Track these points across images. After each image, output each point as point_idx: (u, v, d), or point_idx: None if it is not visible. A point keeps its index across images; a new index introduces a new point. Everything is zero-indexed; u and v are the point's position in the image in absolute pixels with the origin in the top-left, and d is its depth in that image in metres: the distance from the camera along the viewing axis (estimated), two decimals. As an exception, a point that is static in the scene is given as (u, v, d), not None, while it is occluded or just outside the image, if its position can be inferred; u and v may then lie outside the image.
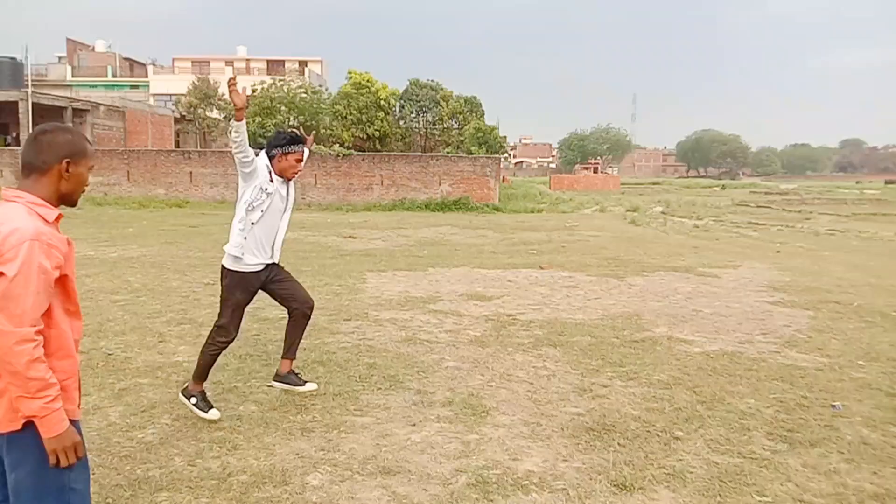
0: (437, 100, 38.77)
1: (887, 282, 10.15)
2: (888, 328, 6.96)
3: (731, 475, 3.55)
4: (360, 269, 10.53)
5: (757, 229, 21.05)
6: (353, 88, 35.99)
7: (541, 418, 4.38)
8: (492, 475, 3.54)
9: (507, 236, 16.66)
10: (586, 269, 10.94)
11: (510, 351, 5.98)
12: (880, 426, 4.28)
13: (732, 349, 6.11)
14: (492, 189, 27.66)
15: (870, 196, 42.48)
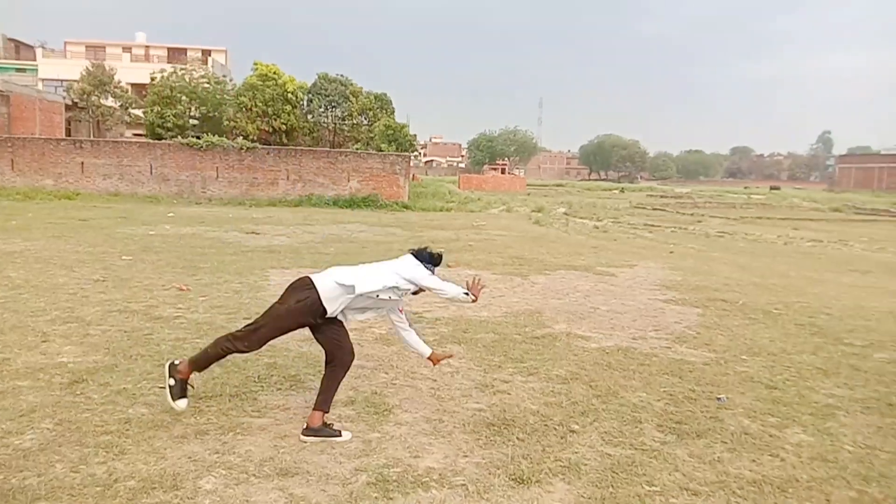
0: (347, 95, 38.39)
1: (769, 281, 10.85)
2: (769, 325, 7.44)
3: (623, 466, 3.69)
4: (262, 267, 10.27)
5: (652, 231, 22.02)
6: (258, 80, 35.09)
7: (443, 415, 4.41)
8: (392, 473, 3.53)
9: (416, 234, 16.68)
10: (492, 268, 11.11)
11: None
12: (760, 417, 4.56)
13: (627, 345, 6.37)
14: (401, 187, 27.62)
15: (756, 201, 45.32)
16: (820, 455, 3.95)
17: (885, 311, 8.42)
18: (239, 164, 26.67)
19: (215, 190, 26.41)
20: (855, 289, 10.58)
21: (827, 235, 22.65)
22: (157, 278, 8.84)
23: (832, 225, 29.17)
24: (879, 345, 6.63)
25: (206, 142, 26.54)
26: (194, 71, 35.59)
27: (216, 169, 26.46)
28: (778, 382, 5.32)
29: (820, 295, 9.56)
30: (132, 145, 27.58)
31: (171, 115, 32.38)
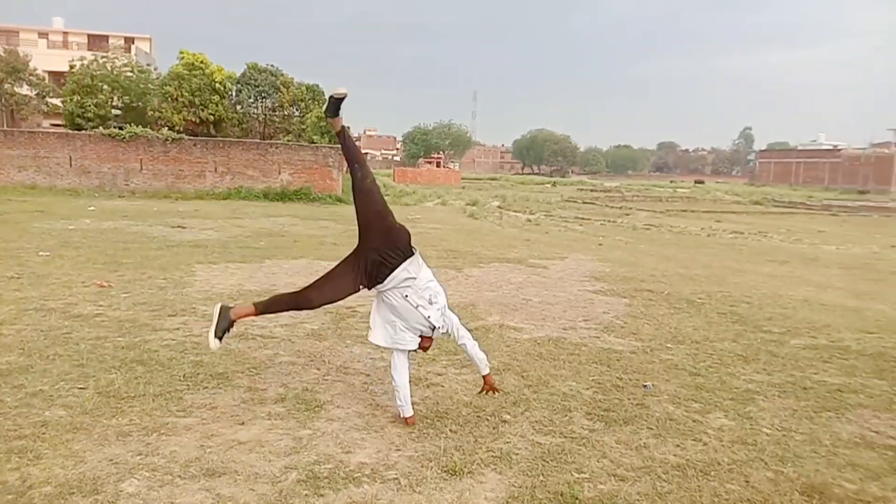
0: (278, 86, 37.57)
1: (693, 272, 11.23)
2: (693, 314, 7.70)
3: (553, 454, 3.75)
4: (188, 262, 9.96)
5: (583, 224, 22.48)
6: (185, 69, 33.91)
7: (376, 409, 4.38)
8: (323, 470, 3.48)
9: (350, 228, 16.44)
10: (427, 261, 11.03)
11: (348, 343, 5.93)
12: (684, 403, 4.72)
13: (557, 335, 6.48)
14: (335, 180, 27.29)
15: (681, 194, 46.86)
16: (740, 438, 4.11)
17: (801, 300, 8.84)
18: (164, 156, 25.77)
19: (139, 182, 25.46)
20: (773, 278, 11.07)
21: (747, 227, 23.62)
22: (76, 275, 8.45)
23: (752, 217, 30.45)
24: (795, 331, 6.96)
25: (129, 132, 25.52)
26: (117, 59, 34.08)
27: (140, 161, 25.51)
28: (701, 369, 5.51)
29: (740, 284, 9.96)
30: (50, 136, 26.24)
31: (91, 104, 30.94)
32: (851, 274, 12.32)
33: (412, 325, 4.09)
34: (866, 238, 21.69)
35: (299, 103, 37.85)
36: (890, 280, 11.68)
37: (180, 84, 33.31)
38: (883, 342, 6.61)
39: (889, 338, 6.79)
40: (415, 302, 4.05)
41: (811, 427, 4.34)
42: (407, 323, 4.08)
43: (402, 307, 4.06)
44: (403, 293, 4.05)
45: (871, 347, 6.39)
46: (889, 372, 5.61)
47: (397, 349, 4.15)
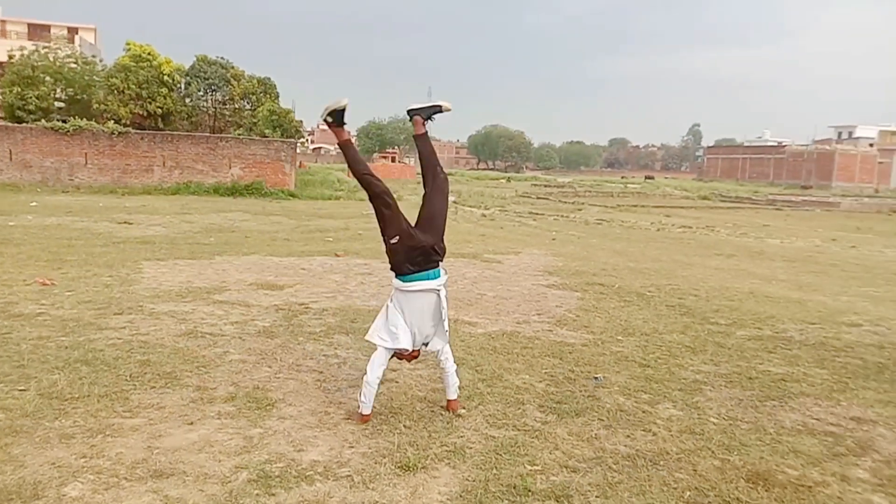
0: (228, 78, 36.87)
1: (643, 265, 11.44)
2: (643, 306, 7.84)
3: (506, 447, 3.78)
4: (135, 259, 9.71)
5: (536, 219, 22.68)
6: (131, 61, 32.99)
7: (329, 407, 4.34)
8: (275, 469, 3.43)
9: (303, 223, 16.33)
10: (381, 256, 10.95)
11: (301, 341, 5.86)
12: (633, 394, 4.80)
13: (511, 329, 6.52)
14: (287, 174, 26.93)
15: (632, 190, 47.66)
16: (688, 428, 4.20)
17: (747, 292, 9.09)
18: (110, 150, 25.05)
19: (84, 177, 24.69)
20: (720, 271, 11.36)
21: (696, 222, 24.17)
22: (17, 273, 8.16)
23: (700, 212, 31.17)
24: (741, 323, 7.15)
25: (73, 126, 24.72)
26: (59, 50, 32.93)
27: (85, 155, 24.74)
28: (650, 361, 5.62)
29: (689, 278, 10.18)
30: (-13, 128, 25.26)
31: (33, 96, 29.81)
32: (794, 266, 12.72)
33: (417, 330, 4.11)
34: (809, 232, 22.44)
35: (250, 96, 37.23)
36: (831, 272, 12.10)
37: (127, 76, 32.40)
38: (824, 332, 6.84)
39: (829, 328, 7.03)
40: (444, 304, 4.15)
41: (756, 416, 4.47)
42: (414, 327, 4.10)
43: (422, 308, 4.12)
44: (439, 292, 4.15)
45: (813, 338, 6.61)
46: (829, 361, 5.81)
47: (385, 347, 4.10)
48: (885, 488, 3.48)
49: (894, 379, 5.35)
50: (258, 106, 36.00)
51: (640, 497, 3.28)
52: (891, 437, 4.17)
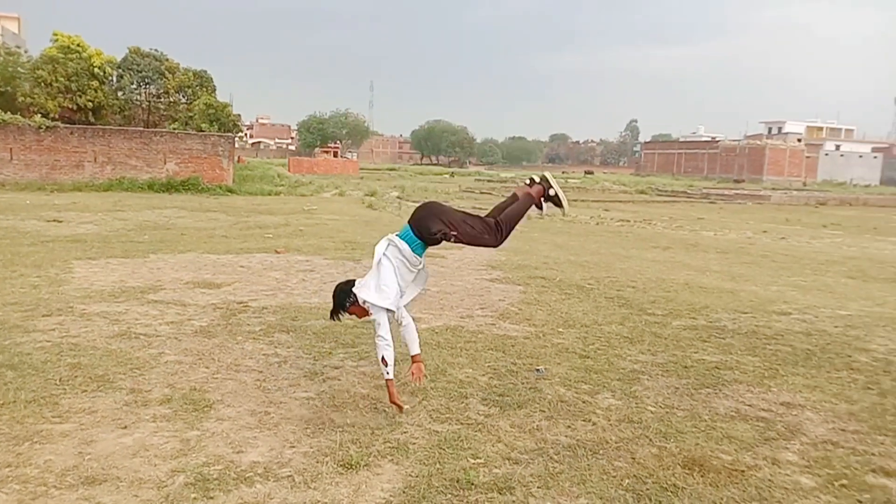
0: (162, 71, 35.80)
1: (583, 258, 11.63)
2: (583, 299, 7.97)
3: (449, 441, 3.78)
4: (65, 258, 9.33)
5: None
6: (59, 52, 31.68)
7: (269, 406, 4.26)
8: (213, 471, 3.35)
9: (242, 220, 15.99)
10: (324, 253, 10.93)
11: (240, 340, 5.74)
12: (574, 385, 4.88)
13: (455, 324, 6.54)
14: (225, 170, 26.33)
15: (572, 184, 48.40)
16: (627, 417, 4.29)
17: (682, 283, 9.35)
18: (37, 145, 23.99)
19: (9, 174, 23.58)
20: (656, 263, 11.64)
21: (633, 215, 24.73)
22: (-67, 274, 7.73)
23: (638, 206, 31.91)
24: (677, 313, 7.35)
25: (-5, 119, 23.58)
26: (-21, 39, 31.42)
27: (10, 150, 23.62)
28: (590, 352, 5.72)
29: (627, 270, 10.41)
30: None
31: (-49, 88, 28.41)
32: (727, 258, 13.14)
33: (402, 290, 4.24)
34: (741, 224, 23.24)
35: (186, 90, 36.25)
36: (761, 263, 12.55)
37: (54, 68, 31.11)
38: (755, 321, 7.09)
39: (761, 317, 7.30)
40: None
41: (691, 403, 4.60)
42: (402, 289, 4.23)
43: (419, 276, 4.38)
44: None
45: (745, 326, 6.84)
46: (761, 349, 6.03)
47: (386, 307, 4.10)
48: (812, 469, 3.63)
49: (821, 365, 5.58)
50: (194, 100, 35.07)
51: (580, 486, 3.34)
52: (817, 421, 4.35)
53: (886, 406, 4.63)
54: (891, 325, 7.06)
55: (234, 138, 30.03)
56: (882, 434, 4.14)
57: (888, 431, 4.18)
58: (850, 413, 4.49)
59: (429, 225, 4.21)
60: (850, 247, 16.91)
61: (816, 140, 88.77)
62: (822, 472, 3.59)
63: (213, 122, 32.11)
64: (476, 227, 4.32)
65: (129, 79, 35.46)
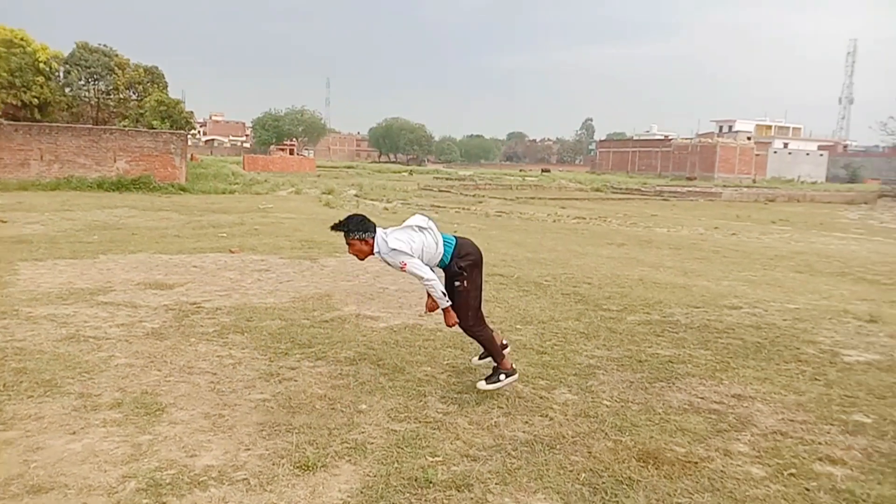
0: (112, 67, 34.90)
1: (540, 256, 11.73)
2: (540, 295, 8.04)
3: (408, 440, 3.77)
4: (10, 259, 9.02)
5: (438, 211, 22.81)
6: (2, 47, 30.59)
7: (223, 409, 4.19)
8: (166, 476, 3.28)
9: (195, 219, 15.68)
10: (279, 252, 10.79)
11: (193, 342, 5.62)
12: (531, 381, 4.91)
13: (414, 322, 6.52)
14: (177, 168, 25.79)
15: (530, 182, 48.77)
16: (583, 411, 4.34)
17: (636, 279, 9.50)
18: (-21, 143, 23.13)
19: (-52, 172, 22.70)
20: (611, 260, 11.81)
21: (589, 213, 25.05)
22: None
23: (593, 203, 32.34)
24: (631, 309, 7.46)
25: (-67, 116, 22.66)
26: (-86, 32, 30.14)
27: (-51, 148, 22.73)
28: (547, 348, 5.77)
29: (583, 266, 10.54)
30: None
31: None
32: (680, 254, 13.41)
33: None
34: (693, 220, 23.74)
35: (137, 86, 35.44)
36: (713, 258, 12.84)
37: (-4, 63, 30.05)
38: (707, 315, 7.25)
39: (712, 311, 7.46)
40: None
41: (646, 397, 4.68)
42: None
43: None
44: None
45: (698, 321, 6.99)
46: (713, 343, 6.16)
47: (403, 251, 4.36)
48: (762, 460, 3.73)
49: (770, 357, 5.74)
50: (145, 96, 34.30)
51: (537, 481, 3.36)
52: (767, 412, 4.46)
53: (832, 396, 4.78)
54: (836, 318, 7.29)
55: (186, 136, 29.43)
56: (828, 423, 4.28)
57: (834, 421, 4.32)
58: (799, 404, 4.62)
59: (464, 262, 4.62)
60: (798, 242, 17.44)
61: (765, 138, 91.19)
62: (772, 462, 3.68)
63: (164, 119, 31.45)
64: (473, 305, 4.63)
65: (76, 74, 34.48)
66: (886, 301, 8.70)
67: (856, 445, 3.94)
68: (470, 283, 4.54)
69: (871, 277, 11.06)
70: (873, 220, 30.00)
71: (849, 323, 7.07)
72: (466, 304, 4.53)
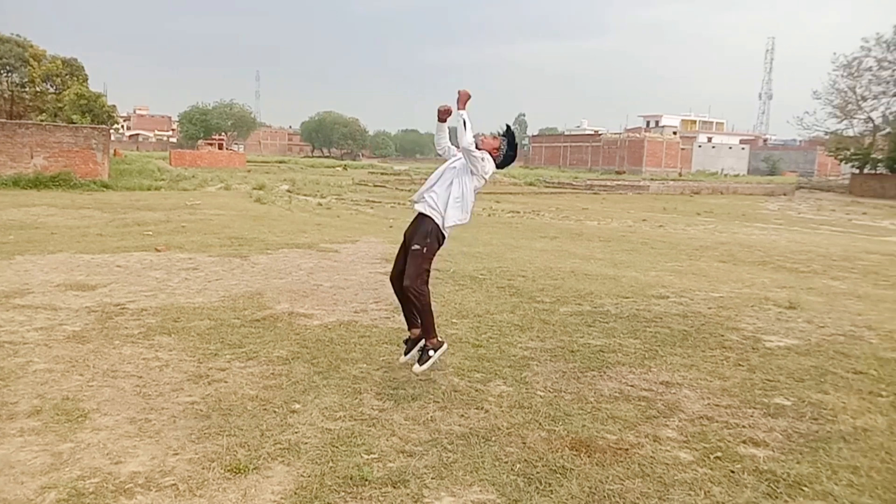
0: (26, 59, 33.21)
1: (475, 249, 11.81)
2: (475, 289, 8.09)
3: (342, 439, 3.73)
4: (-86, 261, 8.47)
5: (374, 207, 22.68)
6: None
7: (150, 413, 4.04)
8: (89, 485, 3.14)
9: (119, 216, 15.10)
10: (208, 250, 10.50)
11: (117, 344, 5.41)
12: (467, 374, 4.94)
13: (349, 319, 6.46)
14: (99, 164, 24.77)
15: (464, 176, 48.96)
16: (518, 403, 4.39)
17: (568, 271, 9.67)
18: None
19: None
20: (545, 253, 12.00)
21: (523, 206, 25.38)
22: None
23: (527, 197, 32.79)
24: (564, 300, 7.59)
25: None
26: None
27: None
28: (483, 341, 5.81)
29: (517, 260, 10.66)
30: None
31: None
32: (610, 246, 13.74)
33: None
34: (622, 213, 24.37)
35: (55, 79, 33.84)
36: (641, 250, 13.20)
37: None
38: (636, 305, 7.45)
39: (641, 301, 7.67)
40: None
41: (578, 386, 4.77)
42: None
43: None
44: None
45: (627, 311, 7.17)
46: (641, 331, 6.33)
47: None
48: (689, 444, 3.85)
49: (696, 344, 5.94)
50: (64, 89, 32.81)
51: (473, 474, 3.38)
52: (694, 398, 4.62)
53: (755, 381, 4.99)
54: (758, 305, 7.61)
55: (109, 130, 28.31)
56: (751, 407, 4.46)
57: (757, 405, 4.51)
58: (723, 389, 4.80)
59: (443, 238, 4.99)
60: (722, 233, 18.13)
61: (690, 133, 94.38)
62: (699, 446, 3.81)
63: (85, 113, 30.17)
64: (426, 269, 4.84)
65: (-14, 66, 32.65)
66: (804, 288, 9.14)
67: (777, 427, 4.12)
68: (429, 252, 4.75)
69: (790, 266, 11.60)
70: (791, 210, 31.51)
71: (769, 310, 7.39)
72: (421, 266, 4.69)
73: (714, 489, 3.31)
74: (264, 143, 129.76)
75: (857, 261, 12.56)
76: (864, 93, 49.19)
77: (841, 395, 4.69)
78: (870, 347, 5.93)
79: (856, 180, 49.93)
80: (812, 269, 11.27)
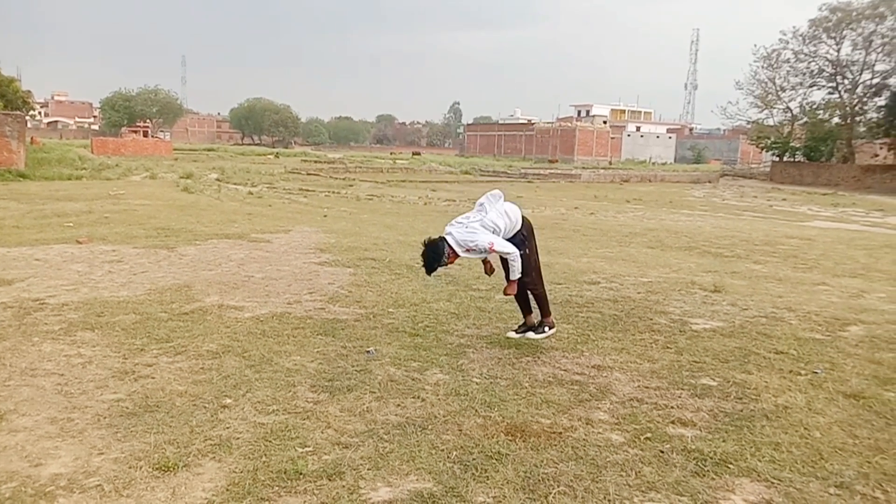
0: (-71, 40, 31.11)
1: (411, 238, 11.76)
2: (412, 278, 8.07)
3: (276, 433, 3.66)
4: None
5: (307, 195, 22.32)
6: None
7: (72, 412, 3.87)
8: (6, 490, 2.99)
9: (37, 207, 14.38)
10: (133, 241, 10.12)
11: (36, 341, 5.16)
12: (404, 363, 4.92)
13: (282, 310, 6.34)
14: (14, 152, 23.50)
15: (400, 165, 48.85)
16: (454, 391, 4.41)
17: (503, 259, 9.77)
18: None
19: None
20: (480, 241, 12.07)
21: (459, 195, 25.45)
22: None
23: (463, 186, 32.90)
24: (499, 288, 7.63)
25: None
26: None
27: None
28: (419, 330, 5.81)
29: (453, 248, 10.69)
30: None
31: None
32: (543, 233, 13.89)
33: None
34: (555, 201, 24.77)
35: (-38, 61, 31.81)
36: (573, 237, 13.46)
37: None
38: (569, 291, 7.58)
39: (573, 287, 7.81)
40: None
41: (513, 372, 4.82)
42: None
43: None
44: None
45: (560, 296, 7.28)
46: (574, 317, 6.46)
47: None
48: (620, 426, 3.95)
49: (627, 328, 6.09)
50: (-28, 73, 30.90)
51: (409, 463, 3.38)
52: (625, 380, 4.74)
53: (682, 363, 5.16)
54: (685, 289, 7.87)
55: (24, 117, 26.88)
56: (679, 388, 4.60)
57: (684, 386, 4.66)
58: (653, 371, 4.95)
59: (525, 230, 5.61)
60: (650, 219, 18.67)
61: (620, 122, 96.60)
62: (630, 428, 3.92)
63: (-4, 98, 28.52)
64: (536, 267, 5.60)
65: None
66: (728, 272, 9.50)
67: (703, 407, 4.27)
68: (531, 249, 5.41)
69: (715, 251, 12.04)
70: (716, 197, 32.71)
71: (696, 293, 7.65)
72: (531, 267, 5.34)
73: (645, 469, 3.40)
74: (192, 130, 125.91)
75: (777, 245, 13.15)
76: (783, 84, 51.39)
77: (763, 375, 4.89)
78: (790, 328, 6.21)
79: (776, 168, 52.21)
80: (735, 254, 11.73)
